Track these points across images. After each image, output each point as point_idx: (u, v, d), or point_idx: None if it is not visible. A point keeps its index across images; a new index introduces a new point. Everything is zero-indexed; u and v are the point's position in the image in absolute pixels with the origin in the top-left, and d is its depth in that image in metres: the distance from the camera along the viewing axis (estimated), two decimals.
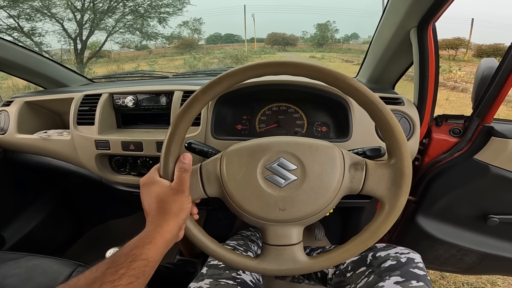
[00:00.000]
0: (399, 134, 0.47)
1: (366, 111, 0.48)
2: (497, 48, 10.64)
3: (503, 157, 0.75)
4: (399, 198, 0.47)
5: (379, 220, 0.48)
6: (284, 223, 0.49)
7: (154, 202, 0.46)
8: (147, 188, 0.48)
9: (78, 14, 8.96)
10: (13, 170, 1.22)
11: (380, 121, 0.47)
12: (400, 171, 0.47)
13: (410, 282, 0.54)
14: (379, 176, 0.49)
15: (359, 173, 0.49)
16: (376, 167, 0.49)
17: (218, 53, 14.55)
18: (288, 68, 0.48)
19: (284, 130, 0.82)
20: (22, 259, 0.76)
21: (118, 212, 1.62)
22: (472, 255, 0.93)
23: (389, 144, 0.48)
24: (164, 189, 0.47)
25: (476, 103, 0.75)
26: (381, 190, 0.49)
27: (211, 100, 0.60)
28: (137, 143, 0.81)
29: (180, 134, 0.49)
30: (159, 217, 0.45)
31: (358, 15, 30.15)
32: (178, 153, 0.50)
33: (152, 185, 0.48)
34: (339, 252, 0.50)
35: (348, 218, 1.19)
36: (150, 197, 0.47)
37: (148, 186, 0.48)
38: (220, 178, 0.50)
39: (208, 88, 0.49)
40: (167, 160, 0.49)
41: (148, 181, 0.49)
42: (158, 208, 0.46)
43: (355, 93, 0.47)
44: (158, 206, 0.46)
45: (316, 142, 0.51)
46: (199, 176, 0.51)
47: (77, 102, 0.91)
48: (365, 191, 0.50)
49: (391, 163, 0.48)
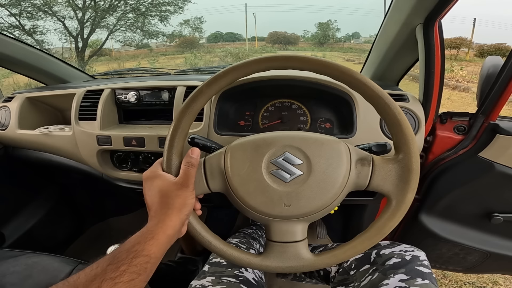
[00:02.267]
0: (407, 129, 0.46)
1: (373, 106, 0.48)
2: (499, 48, 10.63)
3: (508, 155, 0.75)
4: (407, 194, 0.47)
5: (386, 217, 0.48)
6: (289, 219, 0.49)
7: (157, 196, 0.45)
8: (150, 182, 0.47)
9: (79, 12, 8.98)
10: (13, 166, 1.22)
11: (388, 116, 0.47)
12: (407, 166, 0.46)
13: (415, 280, 0.53)
14: (386, 172, 0.48)
15: (366, 169, 0.48)
16: (383, 163, 0.48)
17: (219, 52, 14.54)
18: (294, 62, 0.47)
19: (287, 126, 0.82)
20: (21, 257, 0.76)
21: (119, 209, 1.62)
22: (475, 253, 0.92)
23: (396, 140, 0.48)
24: (168, 183, 0.46)
25: (481, 100, 0.75)
26: (388, 186, 0.48)
27: (215, 95, 0.59)
28: (139, 139, 0.81)
29: (183, 128, 0.48)
30: (162, 212, 0.44)
31: (360, 14, 30.06)
32: (181, 147, 0.49)
33: (155, 179, 0.47)
34: (344, 249, 0.49)
35: (350, 216, 1.18)
36: (153, 191, 0.46)
37: (151, 180, 0.47)
38: (224, 173, 0.50)
39: (213, 81, 0.48)
40: (170, 154, 0.48)
41: (151, 175, 0.48)
42: (161, 202, 0.45)
43: (362, 87, 0.47)
44: (161, 200, 0.45)
45: (322, 136, 0.50)
46: (203, 170, 0.51)
47: (79, 97, 0.91)
48: (371, 187, 0.49)
49: (399, 158, 0.48)
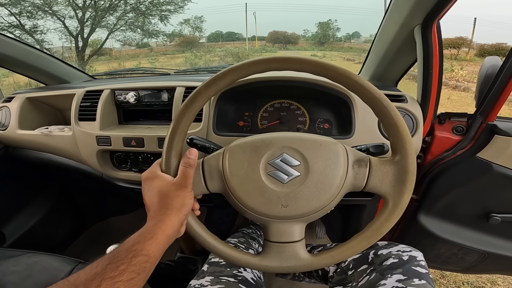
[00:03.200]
0: (403, 131, 0.46)
1: (370, 107, 0.48)
2: (499, 48, 10.63)
3: (506, 155, 0.75)
4: (403, 195, 0.47)
5: (383, 218, 0.48)
6: (287, 219, 0.49)
7: (156, 197, 0.46)
8: (149, 182, 0.47)
9: (80, 11, 8.97)
10: (13, 166, 1.22)
11: (385, 117, 0.47)
12: (404, 168, 0.47)
13: (412, 280, 0.54)
14: (383, 173, 0.48)
15: (363, 170, 0.49)
16: (380, 164, 0.49)
17: (219, 51, 14.55)
18: (292, 63, 0.48)
19: (286, 127, 0.82)
20: (22, 256, 0.76)
21: (118, 209, 1.62)
22: (473, 254, 0.93)
23: (393, 141, 0.48)
24: (167, 184, 0.46)
25: (480, 101, 0.75)
26: (385, 187, 0.48)
27: (214, 96, 0.59)
28: (138, 139, 0.81)
29: (182, 128, 0.49)
30: (161, 212, 0.44)
31: (360, 14, 30.09)
32: (180, 148, 0.50)
33: (154, 180, 0.47)
34: (341, 249, 0.50)
35: (349, 216, 1.19)
36: (152, 191, 0.46)
37: (150, 180, 0.48)
38: (222, 174, 0.50)
39: (212, 82, 0.48)
40: (169, 154, 0.48)
41: (150, 175, 0.48)
42: (160, 202, 0.45)
43: (359, 89, 0.47)
44: (160, 200, 0.45)
45: (319, 138, 0.51)
46: (201, 171, 0.51)
47: (79, 98, 0.91)
48: (368, 188, 0.49)
49: (396, 160, 0.48)
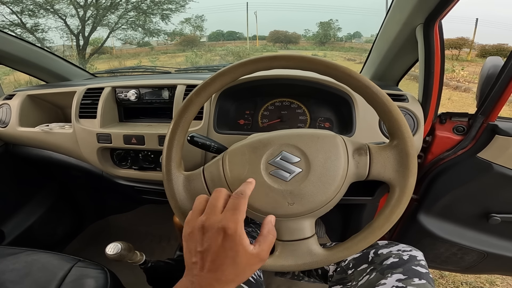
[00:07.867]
0: (397, 115, 0.46)
1: (362, 96, 0.48)
2: (500, 48, 10.61)
3: (506, 156, 0.75)
4: (408, 178, 0.47)
5: (392, 204, 0.48)
6: (295, 217, 0.49)
7: (228, 264, 0.35)
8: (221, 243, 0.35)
9: (81, 10, 8.98)
10: (13, 163, 1.23)
11: (377, 104, 0.47)
12: (404, 151, 0.47)
13: (412, 280, 0.53)
14: (384, 159, 0.48)
15: (364, 158, 0.49)
16: (380, 150, 0.49)
17: (220, 50, 14.54)
18: (279, 61, 0.48)
19: (287, 125, 0.82)
20: (21, 254, 0.76)
21: (118, 207, 1.62)
22: (473, 254, 0.93)
23: (388, 126, 0.48)
24: (246, 254, 0.36)
25: (481, 101, 0.75)
26: (389, 172, 0.48)
27: (215, 93, 0.59)
28: (139, 137, 0.81)
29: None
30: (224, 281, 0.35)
31: (361, 13, 30.05)
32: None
33: (228, 242, 0.35)
34: (355, 241, 0.49)
35: (349, 216, 1.19)
36: (227, 255, 0.35)
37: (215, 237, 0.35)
38: (224, 179, 0.49)
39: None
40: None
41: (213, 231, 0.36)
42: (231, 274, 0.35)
43: (348, 80, 0.47)
44: (232, 271, 0.35)
45: (317, 131, 0.50)
46: (203, 179, 0.50)
47: (80, 95, 0.91)
48: (372, 176, 0.49)
49: (394, 144, 0.48)
